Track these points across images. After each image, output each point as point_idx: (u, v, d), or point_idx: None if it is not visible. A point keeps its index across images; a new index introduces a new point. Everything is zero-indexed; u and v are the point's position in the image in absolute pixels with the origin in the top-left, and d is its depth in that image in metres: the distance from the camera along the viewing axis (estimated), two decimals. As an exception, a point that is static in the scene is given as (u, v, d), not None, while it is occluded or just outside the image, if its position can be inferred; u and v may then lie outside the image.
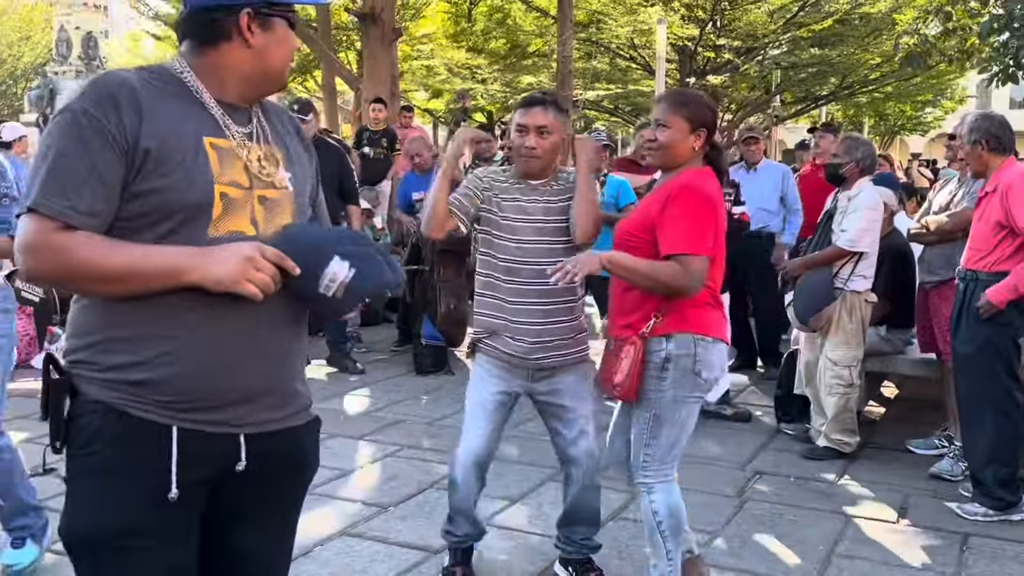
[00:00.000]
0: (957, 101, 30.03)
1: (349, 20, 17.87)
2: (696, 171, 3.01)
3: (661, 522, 3.08)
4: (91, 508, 1.75)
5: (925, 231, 4.91)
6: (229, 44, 1.83)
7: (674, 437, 3.06)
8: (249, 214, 1.80)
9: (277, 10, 1.86)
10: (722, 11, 17.68)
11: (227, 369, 1.77)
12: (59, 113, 1.72)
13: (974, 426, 4.28)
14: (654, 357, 2.96)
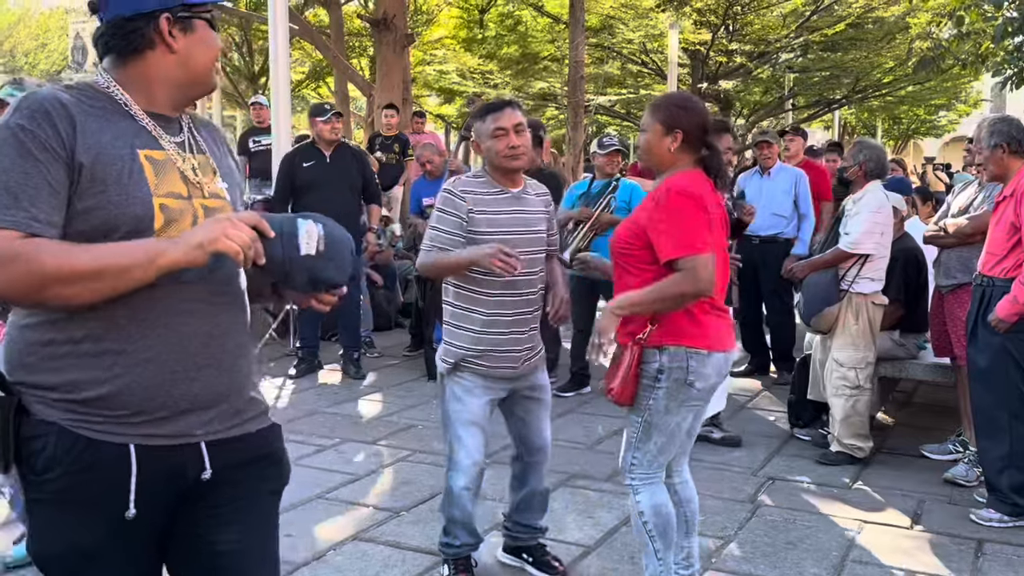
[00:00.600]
0: (971, 105, 29.90)
1: (362, 26, 17.93)
2: (682, 173, 2.99)
3: (647, 522, 3.11)
4: (50, 533, 1.73)
5: (943, 234, 4.89)
6: (152, 52, 1.81)
7: (662, 444, 3.07)
8: (191, 224, 1.77)
9: (196, 11, 1.83)
10: (734, 16, 17.65)
11: (177, 377, 1.75)
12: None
13: (989, 432, 4.26)
14: (648, 368, 2.99)
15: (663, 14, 16.61)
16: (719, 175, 3.03)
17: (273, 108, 7.50)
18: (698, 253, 2.85)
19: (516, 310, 3.30)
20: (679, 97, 3.21)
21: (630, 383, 3.00)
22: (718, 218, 2.99)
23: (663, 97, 3.24)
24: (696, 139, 3.01)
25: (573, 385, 6.41)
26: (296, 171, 6.62)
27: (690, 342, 2.96)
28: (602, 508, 4.26)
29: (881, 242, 4.86)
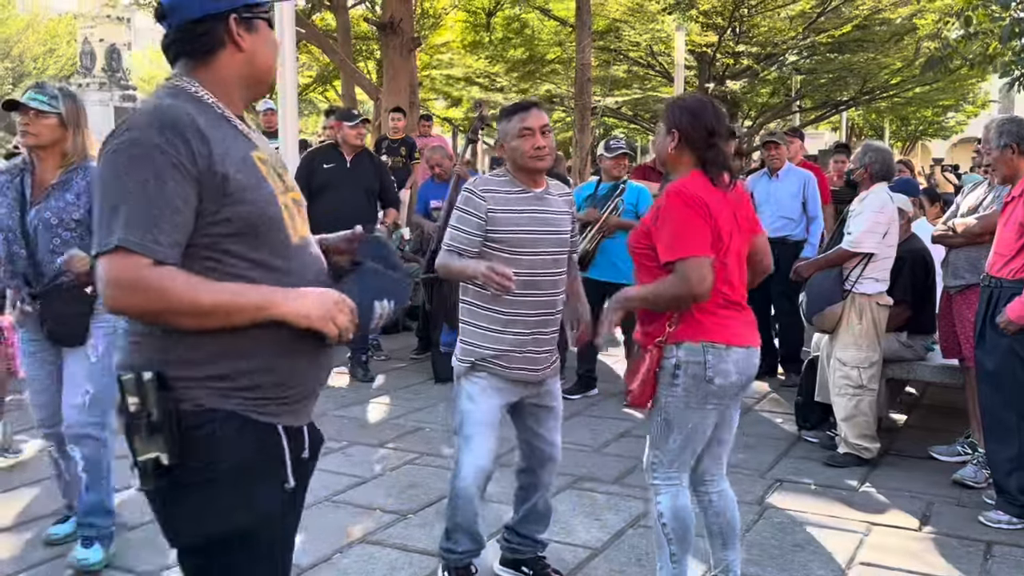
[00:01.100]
0: (979, 106, 29.82)
1: (368, 30, 17.97)
2: (683, 176, 3.01)
3: (665, 524, 3.09)
4: (223, 510, 1.83)
5: (951, 233, 4.88)
6: (223, 52, 1.89)
7: (681, 442, 3.05)
8: (299, 219, 1.93)
9: (257, 11, 1.92)
10: (741, 18, 17.64)
11: (306, 369, 1.92)
12: (126, 145, 1.73)
13: (997, 434, 4.24)
14: (666, 364, 2.99)
15: (669, 16, 16.60)
16: (716, 176, 3.00)
17: (280, 112, 7.51)
18: (690, 256, 2.85)
19: (539, 311, 3.27)
20: (686, 99, 3.23)
21: (648, 385, 3.01)
22: (727, 217, 2.96)
23: (673, 99, 3.26)
24: (696, 140, 3.00)
25: (580, 388, 6.40)
26: (315, 171, 6.70)
27: (707, 336, 2.96)
28: (609, 510, 4.25)
29: (883, 242, 4.85)
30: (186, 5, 1.87)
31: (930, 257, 5.33)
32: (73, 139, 3.48)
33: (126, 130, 1.76)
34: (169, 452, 1.77)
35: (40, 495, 4.34)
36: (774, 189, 6.75)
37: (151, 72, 32.93)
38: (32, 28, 34.22)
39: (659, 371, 3.00)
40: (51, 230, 3.44)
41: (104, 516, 3.62)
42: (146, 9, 19.70)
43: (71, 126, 3.47)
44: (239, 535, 1.86)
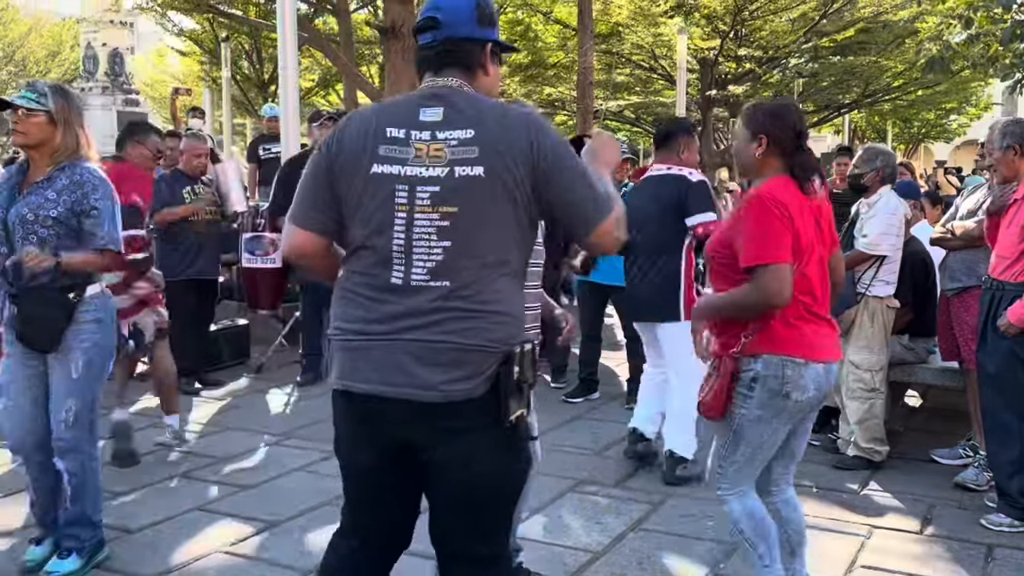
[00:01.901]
0: (982, 108, 29.80)
1: (371, 34, 17.99)
2: (771, 180, 2.94)
3: (743, 529, 3.04)
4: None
5: (950, 236, 4.88)
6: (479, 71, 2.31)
7: (749, 455, 2.99)
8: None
9: (503, 51, 2.39)
10: (743, 21, 17.65)
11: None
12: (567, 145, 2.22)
13: (999, 436, 4.24)
14: (743, 376, 2.91)
15: (672, 20, 16.62)
16: (807, 182, 2.94)
17: (282, 116, 7.54)
18: (772, 263, 2.78)
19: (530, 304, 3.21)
20: (771, 104, 3.16)
21: (721, 396, 2.94)
22: (810, 225, 2.90)
23: (752, 105, 3.17)
24: (785, 144, 2.95)
25: (582, 391, 6.40)
26: (294, 178, 6.61)
27: (787, 351, 2.87)
28: (610, 514, 4.25)
29: (896, 244, 4.86)
30: (458, 25, 2.27)
31: (929, 259, 5.33)
32: (63, 137, 3.39)
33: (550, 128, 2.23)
34: (528, 407, 2.21)
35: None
36: None
37: (153, 76, 32.96)
38: (35, 32, 34.30)
39: (734, 382, 2.93)
40: (27, 226, 3.35)
41: (88, 528, 3.56)
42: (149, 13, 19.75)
43: (60, 124, 3.38)
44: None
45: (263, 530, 4.01)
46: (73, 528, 3.53)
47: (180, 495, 4.46)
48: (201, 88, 22.42)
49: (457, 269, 2.12)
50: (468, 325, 2.11)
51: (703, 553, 3.84)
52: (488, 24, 2.27)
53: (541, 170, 2.11)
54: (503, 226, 2.13)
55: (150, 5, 17.63)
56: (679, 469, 4.62)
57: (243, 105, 22.26)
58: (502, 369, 2.11)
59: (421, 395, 2.11)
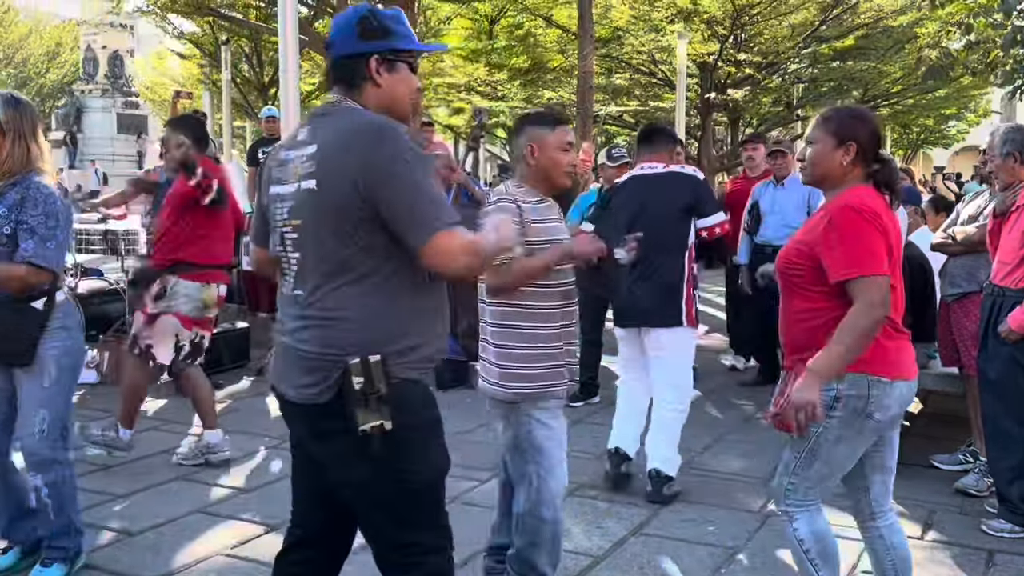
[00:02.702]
0: (981, 115, 29.84)
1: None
2: (856, 188, 2.82)
3: (809, 550, 2.91)
4: (443, 454, 2.44)
5: (951, 241, 4.89)
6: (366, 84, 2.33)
7: (825, 473, 2.89)
8: None
9: (400, 55, 2.36)
10: (743, 26, 17.66)
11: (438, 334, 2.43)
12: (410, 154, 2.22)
13: (999, 442, 4.24)
14: (824, 395, 2.72)
15: (672, 25, 16.63)
16: (893, 191, 2.86)
17: (283, 119, 7.52)
18: (873, 274, 2.66)
19: (572, 320, 3.24)
20: (853, 108, 3.05)
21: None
22: (896, 237, 2.79)
23: (830, 109, 2.99)
24: (869, 152, 2.84)
25: (582, 395, 6.40)
26: None
27: (872, 369, 2.74)
28: (611, 518, 4.25)
29: None
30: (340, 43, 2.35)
31: (927, 264, 5.34)
32: (11, 147, 3.26)
33: (393, 140, 2.21)
34: (391, 419, 2.19)
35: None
36: (780, 198, 6.73)
37: (153, 79, 32.95)
38: (36, 34, 34.32)
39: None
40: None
41: (72, 537, 3.51)
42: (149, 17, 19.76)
43: (9, 134, 3.26)
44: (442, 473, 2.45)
45: (265, 533, 4.01)
46: (60, 540, 3.48)
47: (181, 497, 4.46)
48: (201, 91, 22.43)
49: (306, 278, 2.30)
50: (314, 333, 2.27)
51: (704, 558, 3.84)
52: (373, 36, 2.31)
53: (366, 183, 2.17)
54: (341, 236, 2.22)
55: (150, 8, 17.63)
56: (665, 488, 4.41)
57: (243, 108, 22.26)
58: (344, 378, 2.19)
59: (292, 396, 2.35)
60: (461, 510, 4.32)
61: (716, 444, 5.43)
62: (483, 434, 5.63)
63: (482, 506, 4.39)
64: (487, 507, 4.35)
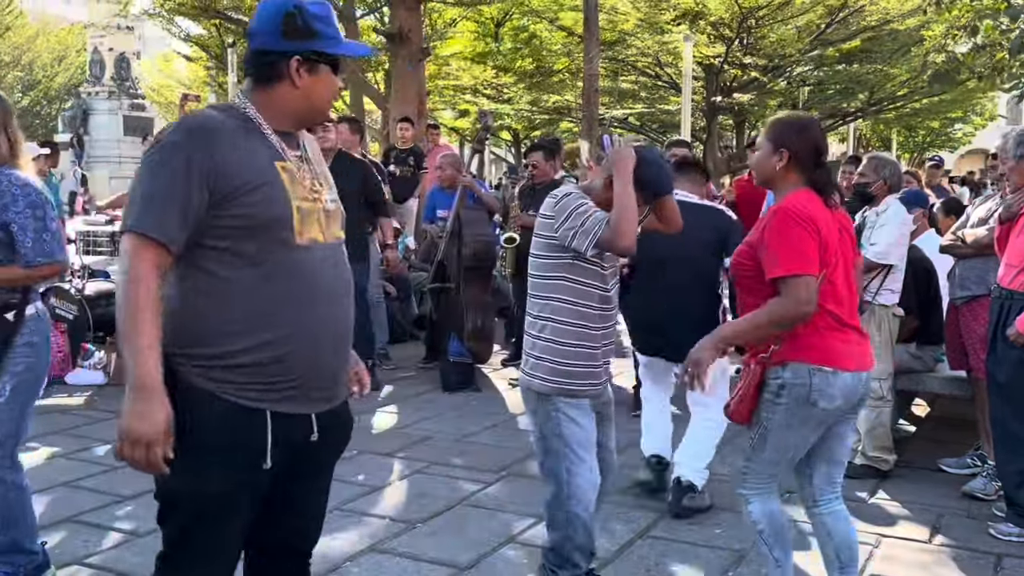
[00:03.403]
0: (987, 118, 29.79)
1: (378, 41, 18.03)
2: (795, 193, 2.98)
3: (763, 530, 3.10)
4: (189, 479, 2.05)
5: (960, 244, 4.88)
6: (282, 84, 2.17)
7: (775, 458, 3.05)
8: (317, 223, 2.17)
9: (324, 58, 2.20)
10: (748, 29, 17.66)
11: (315, 356, 2.14)
12: (159, 147, 2.05)
13: (1008, 445, 4.23)
14: (771, 384, 2.96)
15: (678, 28, 16.64)
16: (829, 195, 3.01)
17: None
18: (800, 273, 2.82)
19: (609, 323, 3.27)
20: (794, 118, 3.20)
21: (748, 401, 3.00)
22: (834, 235, 2.95)
23: (774, 118, 3.20)
24: (805, 159, 3.00)
25: None
26: None
27: (814, 359, 2.92)
28: (618, 521, 4.24)
29: (904, 254, 4.87)
30: (261, 36, 2.18)
31: (932, 266, 5.33)
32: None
33: (159, 137, 2.08)
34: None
35: (52, 501, 4.34)
36: None
37: (160, 81, 33.03)
38: (43, 37, 34.41)
39: (762, 388, 2.98)
40: None
41: (23, 555, 3.32)
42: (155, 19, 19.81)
43: None
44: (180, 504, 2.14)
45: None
46: (7, 556, 3.30)
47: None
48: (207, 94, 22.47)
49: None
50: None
51: (711, 560, 3.84)
52: (297, 36, 2.15)
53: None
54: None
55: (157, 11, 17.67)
56: (686, 499, 4.31)
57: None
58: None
59: None
60: (467, 512, 4.33)
61: (723, 447, 5.40)
62: (489, 437, 5.63)
63: (488, 508, 4.39)
64: (493, 509, 4.36)
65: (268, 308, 2.07)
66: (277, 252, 2.08)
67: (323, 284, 2.16)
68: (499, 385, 7.01)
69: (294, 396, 2.13)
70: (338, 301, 2.21)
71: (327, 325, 2.17)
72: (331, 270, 2.19)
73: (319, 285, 2.14)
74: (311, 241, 2.14)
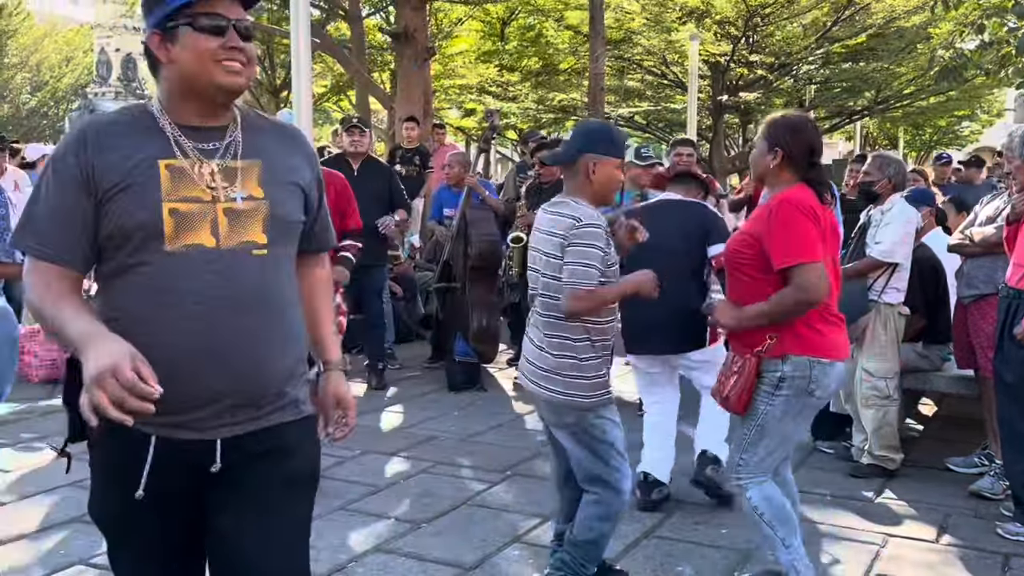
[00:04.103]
0: (995, 115, 29.67)
1: (383, 40, 18.04)
2: (792, 188, 3.13)
3: (763, 513, 3.18)
4: (96, 497, 2.03)
5: (968, 242, 4.86)
6: (162, 68, 1.94)
7: (772, 447, 3.19)
8: (210, 227, 1.88)
9: (178, 19, 1.88)
10: (755, 27, 17.60)
11: (177, 375, 1.81)
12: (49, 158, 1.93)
13: (1015, 445, 4.21)
14: (768, 376, 3.10)
15: (684, 26, 16.60)
16: (822, 191, 3.15)
17: (295, 121, 7.55)
18: (810, 261, 2.98)
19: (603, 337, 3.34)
20: (791, 118, 3.29)
21: (746, 393, 3.13)
22: (828, 229, 3.10)
23: (776, 116, 3.31)
24: (799, 158, 3.14)
25: None
26: None
27: (814, 351, 3.07)
28: (624, 520, 4.21)
29: (909, 253, 4.86)
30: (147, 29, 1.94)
31: (939, 265, 5.31)
32: None
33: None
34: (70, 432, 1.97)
35: (58, 501, 4.36)
36: None
37: (166, 81, 33.05)
38: (50, 38, 34.51)
39: (759, 380, 3.11)
40: None
41: None
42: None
43: None
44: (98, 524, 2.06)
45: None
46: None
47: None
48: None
49: None
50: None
51: (717, 560, 3.83)
52: (150, 9, 1.90)
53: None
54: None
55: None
56: (709, 469, 4.37)
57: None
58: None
59: None
60: (473, 512, 4.32)
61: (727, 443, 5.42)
62: (494, 436, 5.63)
63: (493, 508, 4.39)
64: (498, 509, 4.36)
65: (128, 323, 1.83)
66: (147, 261, 1.85)
67: (197, 293, 1.85)
68: (505, 385, 7.01)
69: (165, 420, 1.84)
70: (226, 314, 1.87)
71: (200, 339, 1.85)
72: (218, 278, 1.87)
73: (188, 294, 1.85)
74: (190, 247, 1.86)
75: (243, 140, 1.97)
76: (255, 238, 1.92)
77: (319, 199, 2.14)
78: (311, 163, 2.11)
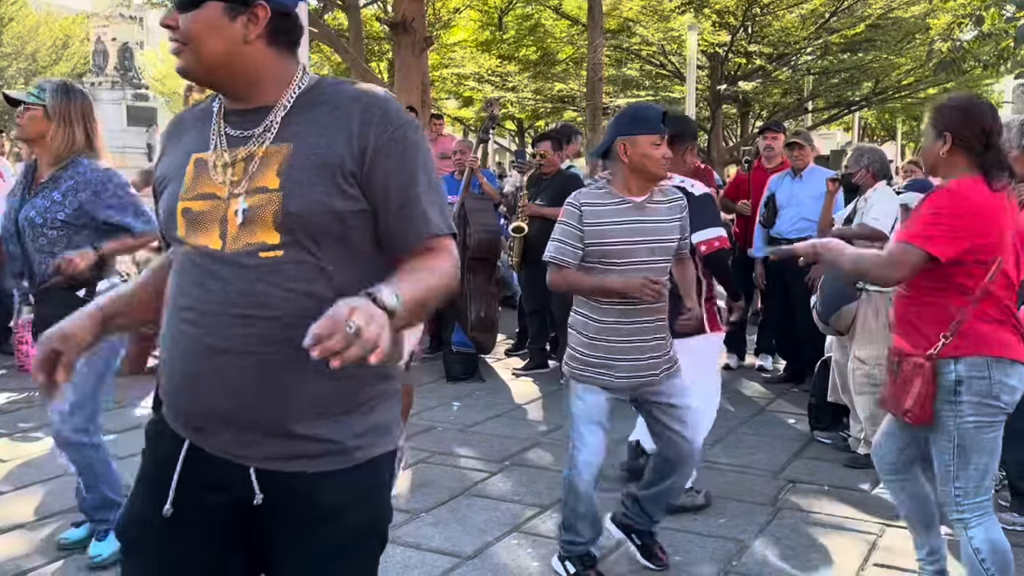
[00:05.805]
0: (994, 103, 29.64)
1: (380, 30, 18.00)
2: (959, 179, 2.85)
3: (984, 560, 2.87)
4: (127, 509, 1.86)
5: None
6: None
7: (984, 464, 2.86)
8: (218, 227, 1.65)
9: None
10: (753, 17, 17.58)
11: (193, 390, 1.67)
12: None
13: (1012, 436, 4.21)
14: (944, 380, 2.81)
15: (683, 16, 16.58)
16: (997, 179, 2.84)
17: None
18: (915, 246, 2.77)
19: (634, 319, 3.31)
20: (958, 99, 3.01)
21: (928, 400, 2.82)
22: (1007, 223, 2.83)
23: (942, 100, 3.03)
24: (972, 142, 2.85)
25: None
26: None
27: (991, 350, 2.80)
28: (621, 510, 4.24)
29: (895, 229, 4.89)
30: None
31: None
32: (59, 134, 3.39)
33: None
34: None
35: (54, 491, 4.36)
36: (797, 190, 6.59)
37: (163, 71, 33.00)
38: (45, 27, 34.38)
39: (936, 387, 2.82)
40: (36, 229, 3.37)
41: (112, 510, 3.56)
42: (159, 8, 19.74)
43: (55, 119, 3.39)
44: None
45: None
46: (99, 513, 3.59)
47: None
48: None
49: None
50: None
51: (716, 550, 3.84)
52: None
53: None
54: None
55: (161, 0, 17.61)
56: (682, 496, 4.14)
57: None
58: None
59: None
60: (472, 502, 4.33)
61: (727, 436, 5.43)
62: (492, 426, 5.63)
63: (491, 498, 4.40)
64: (496, 499, 4.37)
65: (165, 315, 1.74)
66: (175, 259, 1.76)
67: (196, 300, 1.66)
68: (503, 375, 7.02)
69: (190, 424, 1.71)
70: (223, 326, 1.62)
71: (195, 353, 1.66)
72: (220, 286, 1.63)
73: (188, 302, 1.67)
74: (197, 250, 1.66)
75: (282, 121, 1.67)
76: (265, 238, 1.61)
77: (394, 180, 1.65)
78: (376, 133, 1.64)
